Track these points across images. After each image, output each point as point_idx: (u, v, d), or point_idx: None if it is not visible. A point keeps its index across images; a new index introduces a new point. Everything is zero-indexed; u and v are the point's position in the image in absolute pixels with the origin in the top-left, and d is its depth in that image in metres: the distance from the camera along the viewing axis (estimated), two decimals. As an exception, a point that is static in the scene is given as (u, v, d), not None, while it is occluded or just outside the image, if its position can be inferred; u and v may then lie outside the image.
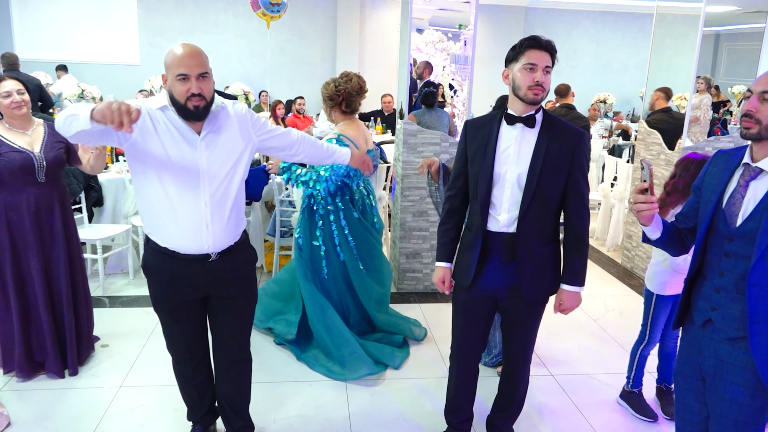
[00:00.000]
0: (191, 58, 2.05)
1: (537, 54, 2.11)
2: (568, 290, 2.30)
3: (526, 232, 2.22)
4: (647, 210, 1.79)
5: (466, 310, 2.42)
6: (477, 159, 2.27)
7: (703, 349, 1.85)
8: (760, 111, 1.67)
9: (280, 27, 10.55)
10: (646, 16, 11.64)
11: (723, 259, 1.77)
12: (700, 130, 5.05)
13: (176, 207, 2.16)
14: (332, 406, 3.06)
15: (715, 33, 5.31)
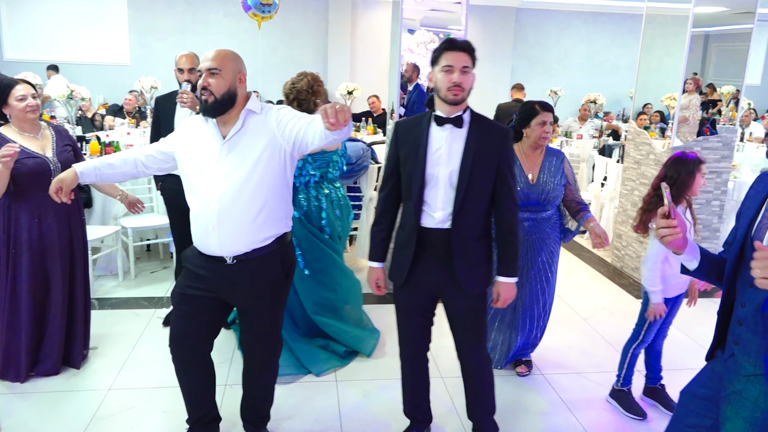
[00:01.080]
0: (206, 55, 2.22)
1: (453, 55, 2.19)
2: (503, 282, 2.40)
3: (461, 228, 2.30)
4: (670, 234, 1.65)
5: (406, 308, 2.50)
6: (409, 160, 2.33)
7: (723, 381, 1.72)
8: None
9: (271, 27, 10.53)
10: (636, 16, 11.70)
11: (747, 290, 1.62)
12: (689, 130, 5.09)
13: (193, 208, 2.30)
14: (323, 406, 3.06)
15: (704, 34, 5.32)
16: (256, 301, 2.38)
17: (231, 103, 2.21)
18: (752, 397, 1.62)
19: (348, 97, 8.39)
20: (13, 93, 2.88)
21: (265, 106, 2.30)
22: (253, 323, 2.44)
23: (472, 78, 2.25)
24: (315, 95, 3.50)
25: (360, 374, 3.40)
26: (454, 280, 2.35)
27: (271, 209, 2.28)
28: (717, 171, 4.87)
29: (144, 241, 5.10)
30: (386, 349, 3.69)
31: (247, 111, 2.24)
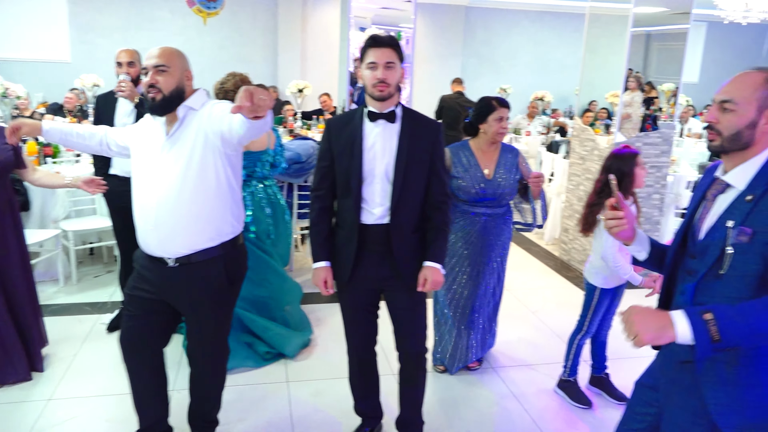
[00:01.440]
0: (152, 51, 2.16)
1: (377, 52, 2.22)
2: (430, 266, 2.38)
3: (399, 222, 2.33)
4: (617, 226, 1.68)
5: (351, 305, 2.52)
6: (344, 157, 2.33)
7: (663, 368, 1.76)
8: (720, 121, 1.55)
9: (219, 24, 10.33)
10: (581, 16, 11.94)
11: (686, 277, 1.65)
12: (632, 126, 5.24)
13: (135, 205, 2.26)
14: (274, 407, 3.02)
15: (645, 33, 5.50)
16: (199, 306, 2.32)
17: (179, 101, 2.18)
18: (685, 383, 1.64)
19: (299, 95, 8.31)
20: None
21: (206, 102, 2.25)
22: (196, 329, 2.39)
23: (398, 73, 2.26)
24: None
25: (312, 373, 3.37)
26: (395, 274, 2.37)
27: (211, 210, 2.21)
28: (657, 165, 5.03)
29: (87, 244, 4.92)
30: (338, 347, 3.68)
31: (186, 108, 2.19)
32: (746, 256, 1.47)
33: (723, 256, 1.51)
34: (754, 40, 12.51)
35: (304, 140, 5.20)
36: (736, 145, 1.55)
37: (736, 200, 1.54)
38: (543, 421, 3.01)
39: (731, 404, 1.54)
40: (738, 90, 1.52)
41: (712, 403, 1.55)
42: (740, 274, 1.50)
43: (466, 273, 3.24)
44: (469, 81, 11.95)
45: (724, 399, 1.54)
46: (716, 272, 1.53)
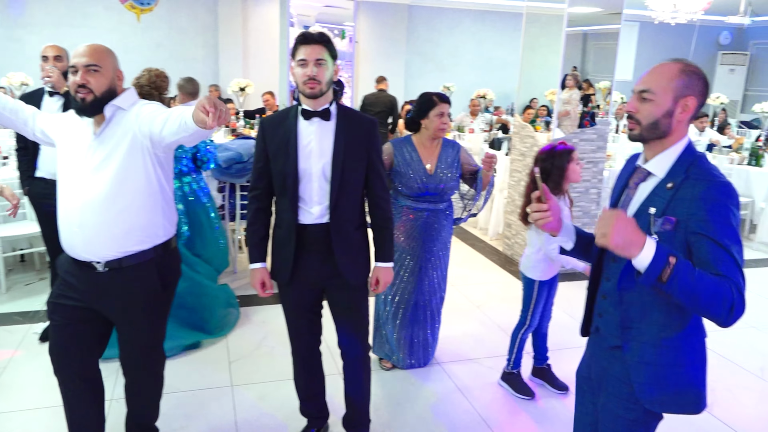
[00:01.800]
0: (82, 50, 2.06)
1: (307, 49, 2.20)
2: (381, 266, 2.46)
3: (339, 221, 2.32)
4: (543, 218, 1.70)
5: (293, 305, 2.50)
6: (280, 156, 2.30)
7: (593, 355, 1.81)
8: (639, 111, 1.59)
9: (156, 22, 10.05)
10: (521, 15, 12.24)
11: (611, 264, 1.70)
12: (571, 123, 5.40)
13: (60, 206, 2.16)
14: (217, 413, 2.96)
15: (582, 32, 5.67)
16: (130, 314, 2.23)
17: (109, 101, 2.10)
18: (614, 371, 1.69)
19: (240, 93, 8.18)
20: None
21: (136, 102, 2.18)
22: (128, 337, 2.29)
23: (329, 70, 2.23)
24: (158, 90, 3.47)
25: (256, 377, 3.32)
26: (336, 273, 2.36)
27: (140, 211, 2.14)
28: (593, 161, 5.20)
29: (17, 251, 4.70)
30: (282, 349, 3.63)
31: (114, 107, 2.11)
32: (671, 244, 1.51)
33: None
34: (683, 39, 13.09)
35: (245, 140, 5.12)
36: (654, 134, 1.59)
37: (657, 188, 1.59)
38: (488, 413, 3.06)
39: (653, 383, 1.61)
40: (655, 80, 1.57)
41: (636, 382, 1.62)
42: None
43: (409, 268, 3.27)
44: (413, 79, 12.06)
45: (646, 378, 1.61)
46: None
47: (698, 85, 1.57)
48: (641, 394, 1.62)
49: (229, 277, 4.84)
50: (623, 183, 1.73)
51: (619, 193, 1.74)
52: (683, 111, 1.56)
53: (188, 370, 3.35)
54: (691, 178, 1.53)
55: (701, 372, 1.65)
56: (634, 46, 13.05)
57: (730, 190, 1.50)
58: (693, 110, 1.57)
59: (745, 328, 4.21)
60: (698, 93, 1.57)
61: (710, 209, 1.47)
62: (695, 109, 1.57)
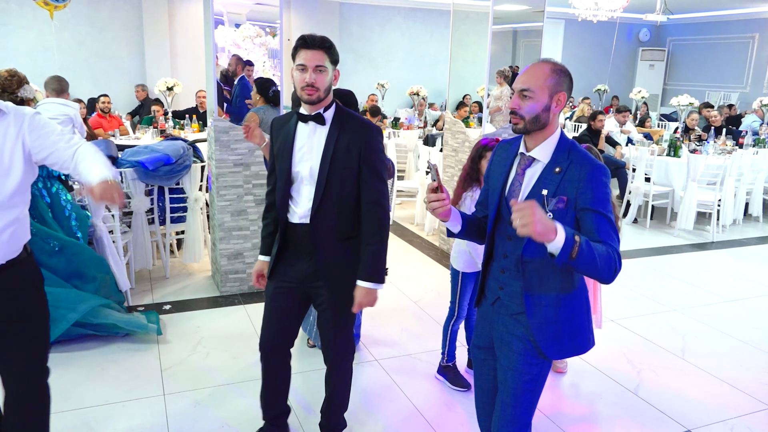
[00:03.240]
0: None
1: (307, 54, 2.16)
2: (360, 286, 2.31)
3: (321, 226, 2.29)
4: (440, 206, 1.84)
5: (270, 300, 2.48)
6: (279, 156, 2.35)
7: (494, 324, 2.00)
8: (522, 108, 1.79)
9: (76, 19, 9.61)
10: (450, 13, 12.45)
11: (506, 242, 1.91)
12: (503, 119, 5.52)
13: None
14: (149, 425, 2.87)
15: (512, 30, 5.80)
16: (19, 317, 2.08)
17: None
18: (518, 332, 1.92)
19: (168, 93, 7.94)
20: None
21: (13, 107, 2.04)
22: (16, 345, 2.10)
23: (328, 77, 2.20)
24: (7, 91, 3.37)
25: (189, 384, 3.23)
26: (318, 277, 2.34)
27: (24, 216, 2.07)
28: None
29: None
30: (218, 353, 3.56)
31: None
32: (563, 219, 1.75)
33: None
34: (606, 36, 13.64)
35: (174, 141, 4.97)
36: (536, 126, 1.82)
37: (545, 172, 1.83)
38: (424, 406, 3.10)
39: (555, 338, 1.88)
40: (533, 80, 1.80)
41: (540, 340, 1.87)
42: None
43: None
44: (347, 77, 12.03)
45: (549, 334, 1.88)
46: None
47: (566, 82, 1.82)
48: (547, 350, 1.88)
49: (161, 282, 4.69)
50: (506, 169, 1.93)
51: (505, 176, 1.92)
52: (557, 105, 1.81)
53: (117, 382, 3.22)
54: (575, 162, 1.79)
55: (588, 319, 1.95)
56: (561, 42, 13.50)
57: (607, 170, 1.80)
58: (564, 104, 1.82)
59: (667, 311, 4.43)
60: (567, 89, 1.82)
61: (595, 187, 1.75)
62: (565, 102, 1.82)
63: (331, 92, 2.27)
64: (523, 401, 1.92)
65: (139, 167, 4.38)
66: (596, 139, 6.97)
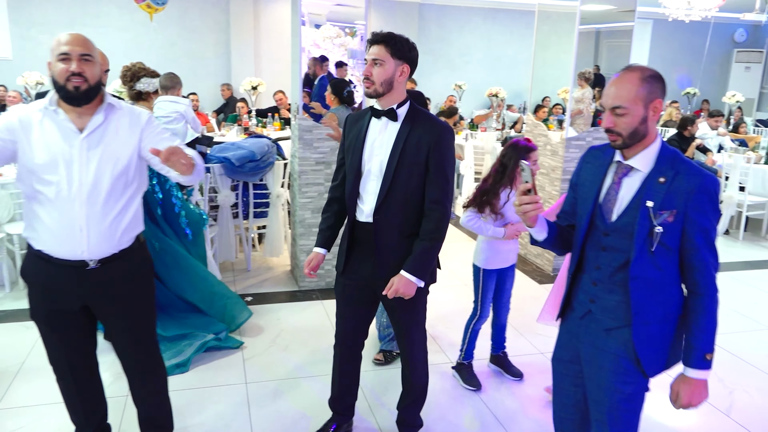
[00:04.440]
0: (74, 39, 2.03)
1: (370, 48, 2.23)
2: (403, 276, 2.27)
3: (384, 223, 2.30)
4: (533, 210, 1.76)
5: (342, 296, 2.52)
6: (350, 151, 2.37)
7: (581, 337, 1.91)
8: (617, 125, 1.71)
9: (167, 21, 10.10)
10: (533, 13, 12.19)
11: (600, 254, 1.82)
12: (584, 122, 5.37)
13: (47, 209, 2.07)
14: (232, 411, 2.98)
15: (595, 30, 5.63)
16: (128, 303, 2.24)
17: (97, 93, 2.09)
18: (613, 349, 1.81)
19: (252, 92, 8.21)
20: None
21: (127, 106, 2.19)
22: (125, 329, 2.29)
23: (387, 70, 2.21)
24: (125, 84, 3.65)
25: (269, 374, 3.33)
26: (379, 274, 2.34)
27: (136, 205, 2.20)
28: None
29: (33, 248, 4.74)
30: (298, 347, 3.65)
31: (108, 105, 2.12)
32: (672, 233, 1.70)
33: (651, 234, 1.71)
34: (698, 36, 12.97)
35: (258, 138, 5.14)
36: (636, 140, 1.74)
37: (648, 182, 1.74)
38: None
39: (658, 355, 1.80)
40: (623, 93, 1.70)
41: (643, 356, 1.77)
42: (666, 249, 1.73)
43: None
44: (424, 78, 12.02)
45: (654, 352, 1.79)
46: (647, 249, 1.73)
47: (660, 87, 1.73)
48: (648, 367, 1.79)
49: (243, 274, 4.86)
50: (600, 178, 1.84)
51: (599, 185, 1.83)
52: (654, 113, 1.72)
53: (202, 368, 3.36)
54: (683, 173, 1.70)
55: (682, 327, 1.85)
56: (648, 43, 12.95)
57: (717, 182, 1.72)
58: (661, 109, 1.73)
59: (762, 329, 4.17)
60: (661, 93, 1.73)
61: (706, 201, 1.68)
62: (662, 107, 1.73)
63: (397, 88, 2.26)
64: (621, 421, 1.83)
65: (226, 163, 4.55)
66: (685, 146, 6.65)
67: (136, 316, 2.28)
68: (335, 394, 2.70)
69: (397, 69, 2.22)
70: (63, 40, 2.02)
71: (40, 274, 2.15)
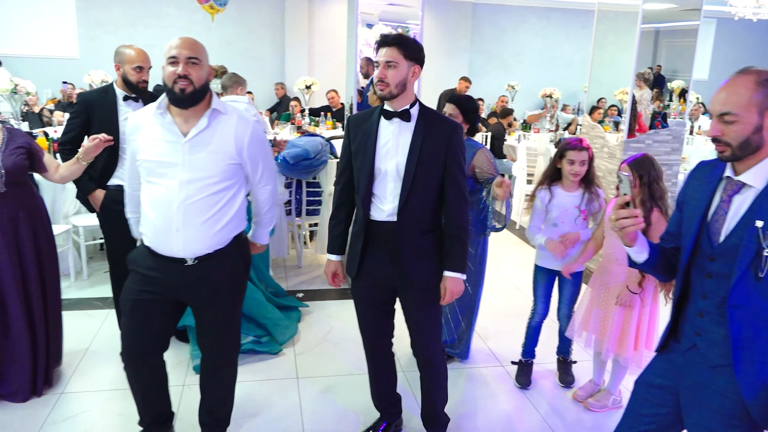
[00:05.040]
0: (183, 42, 2.12)
1: (381, 50, 2.22)
2: (448, 276, 2.37)
3: (407, 222, 2.31)
4: (632, 225, 1.60)
5: (363, 298, 2.53)
6: (359, 153, 2.35)
7: (683, 371, 1.72)
8: (725, 134, 1.54)
9: (225, 21, 10.34)
10: (588, 12, 11.94)
11: (705, 281, 1.63)
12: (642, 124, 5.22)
13: (152, 208, 2.20)
14: (284, 405, 3.03)
15: (654, 29, 5.46)
16: (218, 299, 2.33)
17: (203, 96, 2.17)
18: (719, 388, 1.62)
19: (306, 91, 8.32)
20: None
21: (235, 110, 2.26)
22: (213, 322, 2.39)
23: (401, 72, 2.22)
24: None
25: (321, 369, 3.38)
26: (403, 273, 2.36)
27: (235, 209, 2.27)
28: (668, 163, 5.01)
29: (96, 240, 4.94)
30: (349, 343, 3.68)
31: (213, 110, 2.19)
32: None
33: (759, 258, 1.51)
34: (765, 36, 12.42)
35: (312, 137, 5.20)
36: (747, 152, 1.55)
37: (760, 200, 1.54)
38: (553, 419, 3.00)
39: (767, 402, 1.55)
40: (734, 99, 1.52)
41: (751, 403, 1.55)
42: None
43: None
44: (476, 78, 11.94)
45: (763, 398, 1.55)
46: (754, 275, 1.53)
47: None
48: (757, 415, 1.56)
49: (294, 272, 4.94)
50: (709, 195, 1.65)
51: (706, 203, 1.65)
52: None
53: (255, 361, 3.44)
54: None
55: None
56: (711, 43, 12.49)
57: None
58: None
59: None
60: None
61: None
62: None
63: (408, 88, 2.27)
64: None
65: (282, 161, 4.63)
66: None
67: (224, 312, 2.38)
68: (376, 394, 2.74)
69: (410, 70, 2.25)
70: (173, 44, 2.12)
71: (143, 263, 2.28)
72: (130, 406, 2.57)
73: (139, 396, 2.45)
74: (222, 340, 2.44)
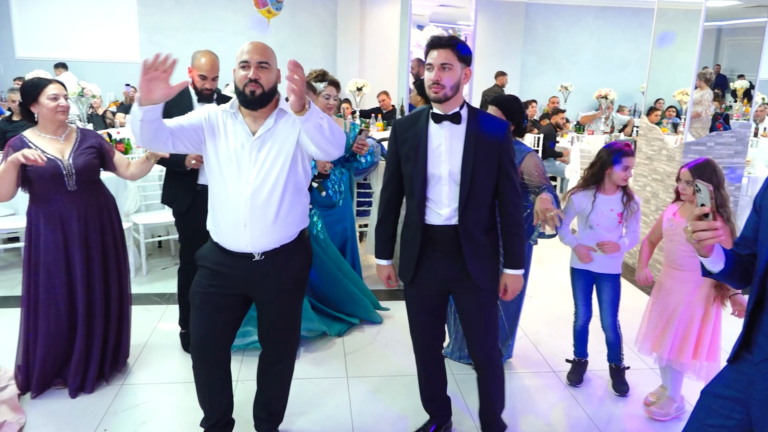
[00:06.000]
0: (254, 47, 2.20)
1: (434, 53, 2.21)
2: (509, 273, 2.41)
3: (468, 224, 2.30)
4: (711, 237, 1.53)
5: (415, 304, 2.52)
6: (410, 158, 2.33)
7: (755, 383, 1.62)
8: None
9: (280, 24, 10.53)
10: (646, 11, 11.60)
11: None
12: (702, 126, 5.04)
13: (220, 204, 2.28)
14: (334, 402, 3.07)
15: (716, 28, 5.27)
16: (282, 294, 2.40)
17: (271, 98, 2.24)
18: None
19: (357, 93, 8.39)
20: (45, 91, 2.81)
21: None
22: (275, 317, 2.45)
23: (456, 75, 2.21)
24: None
25: (371, 370, 3.40)
26: (464, 276, 2.35)
27: (299, 205, 2.33)
28: (731, 166, 4.82)
29: (155, 237, 5.12)
30: (398, 345, 3.69)
31: (279, 110, 2.27)
32: None
33: None
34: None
35: (364, 138, 5.23)
36: None
37: None
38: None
39: None
40: None
41: None
42: None
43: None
44: (528, 79, 11.79)
45: None
46: None
47: None
48: None
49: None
50: None
51: None
52: None
53: (305, 360, 3.49)
54: None
55: None
56: (778, 41, 11.93)
57: None
58: None
59: None
60: None
61: None
62: None
63: (460, 91, 2.26)
64: None
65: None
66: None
67: (287, 307, 2.45)
68: (425, 397, 2.74)
69: (463, 72, 2.24)
70: (245, 49, 2.20)
71: (212, 258, 2.35)
72: (187, 399, 2.66)
73: (205, 389, 2.49)
74: (284, 334, 2.50)
